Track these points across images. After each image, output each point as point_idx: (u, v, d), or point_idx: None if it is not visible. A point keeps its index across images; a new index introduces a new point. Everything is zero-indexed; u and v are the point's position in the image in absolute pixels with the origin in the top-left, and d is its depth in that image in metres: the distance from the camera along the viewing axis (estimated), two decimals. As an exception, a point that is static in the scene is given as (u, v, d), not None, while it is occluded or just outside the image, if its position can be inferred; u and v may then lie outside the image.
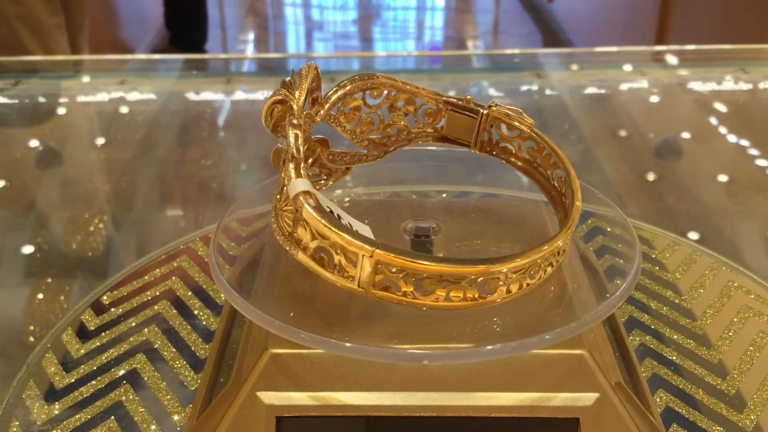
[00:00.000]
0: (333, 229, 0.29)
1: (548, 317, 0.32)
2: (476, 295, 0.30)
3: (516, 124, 0.39)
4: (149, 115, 0.80)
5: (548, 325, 0.31)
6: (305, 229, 0.30)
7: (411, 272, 0.29)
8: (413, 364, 0.31)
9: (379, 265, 0.29)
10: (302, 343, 0.30)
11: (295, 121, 0.32)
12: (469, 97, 0.39)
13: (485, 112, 0.39)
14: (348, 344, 0.29)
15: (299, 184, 0.30)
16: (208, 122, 0.79)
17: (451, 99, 0.39)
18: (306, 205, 0.29)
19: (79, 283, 0.55)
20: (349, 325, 0.32)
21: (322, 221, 0.29)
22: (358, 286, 0.30)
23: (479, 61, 1.05)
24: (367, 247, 0.29)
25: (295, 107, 0.33)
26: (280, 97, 0.33)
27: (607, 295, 0.34)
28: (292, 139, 0.32)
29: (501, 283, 0.30)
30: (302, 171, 0.31)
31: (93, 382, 0.39)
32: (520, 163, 0.39)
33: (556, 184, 0.38)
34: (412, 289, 0.30)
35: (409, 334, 0.31)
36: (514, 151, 0.39)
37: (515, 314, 0.32)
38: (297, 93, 0.33)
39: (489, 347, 0.29)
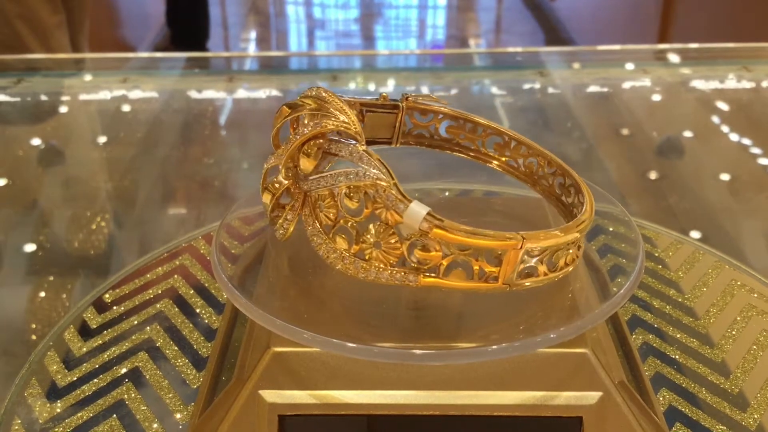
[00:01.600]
0: (475, 236, 0.28)
1: (552, 316, 0.32)
2: (578, 254, 0.32)
3: (434, 107, 0.40)
4: (151, 114, 0.80)
5: (552, 325, 0.31)
6: (430, 249, 0.28)
7: (550, 249, 0.30)
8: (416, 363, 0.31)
9: (525, 255, 0.29)
10: (305, 343, 0.29)
11: (362, 148, 0.29)
12: (384, 94, 0.39)
13: (403, 104, 0.39)
14: (350, 344, 0.29)
15: (419, 208, 0.28)
16: (210, 120, 0.79)
17: (366, 100, 0.39)
18: (437, 226, 0.28)
19: (81, 281, 0.55)
20: (352, 324, 0.32)
21: (460, 233, 0.28)
22: (502, 283, 0.29)
23: (481, 59, 1.05)
24: (514, 240, 0.28)
25: (353, 131, 0.30)
26: (320, 130, 0.30)
27: (610, 294, 0.34)
28: (379, 164, 0.29)
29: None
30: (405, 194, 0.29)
31: (95, 380, 0.39)
32: (438, 143, 0.41)
33: (492, 153, 0.40)
34: (545, 267, 0.30)
35: (413, 334, 0.31)
36: (428, 135, 0.41)
37: (519, 314, 0.32)
38: (347, 117, 0.30)
39: (493, 347, 0.29)
